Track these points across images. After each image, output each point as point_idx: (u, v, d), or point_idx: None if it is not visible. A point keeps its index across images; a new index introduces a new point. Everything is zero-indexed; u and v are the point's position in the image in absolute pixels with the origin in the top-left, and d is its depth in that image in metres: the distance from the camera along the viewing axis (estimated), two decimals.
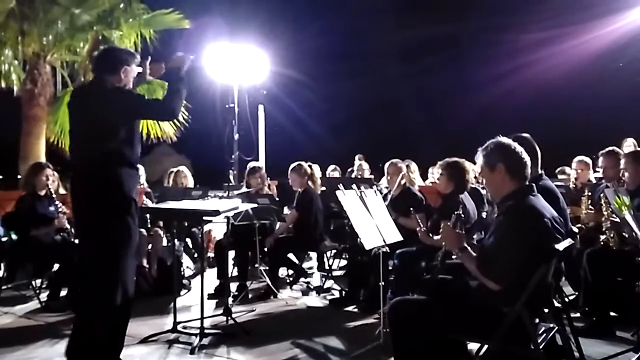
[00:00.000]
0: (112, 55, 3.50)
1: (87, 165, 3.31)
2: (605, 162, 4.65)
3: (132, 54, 3.58)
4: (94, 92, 3.44)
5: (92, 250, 3.31)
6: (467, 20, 23.18)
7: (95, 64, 3.58)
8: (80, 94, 3.73)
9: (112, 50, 3.64)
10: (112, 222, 3.24)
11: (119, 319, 3.30)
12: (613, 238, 4.21)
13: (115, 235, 3.24)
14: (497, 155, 2.77)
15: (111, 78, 3.38)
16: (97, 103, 3.29)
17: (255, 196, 5.85)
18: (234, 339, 4.10)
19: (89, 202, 3.28)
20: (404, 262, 4.56)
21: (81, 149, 3.39)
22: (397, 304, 2.86)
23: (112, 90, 3.35)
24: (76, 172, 3.39)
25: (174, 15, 9.50)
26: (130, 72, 3.47)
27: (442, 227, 2.91)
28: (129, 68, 3.44)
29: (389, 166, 5.43)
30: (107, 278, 3.24)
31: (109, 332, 3.25)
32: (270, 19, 19.88)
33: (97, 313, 3.21)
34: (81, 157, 3.38)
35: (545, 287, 2.67)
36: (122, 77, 3.41)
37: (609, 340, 3.88)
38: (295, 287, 5.93)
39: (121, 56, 3.47)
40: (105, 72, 3.40)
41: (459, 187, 4.59)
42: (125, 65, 3.42)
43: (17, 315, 4.91)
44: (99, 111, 3.26)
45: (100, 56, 3.58)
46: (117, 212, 3.25)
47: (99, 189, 3.25)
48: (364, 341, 3.95)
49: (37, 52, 8.79)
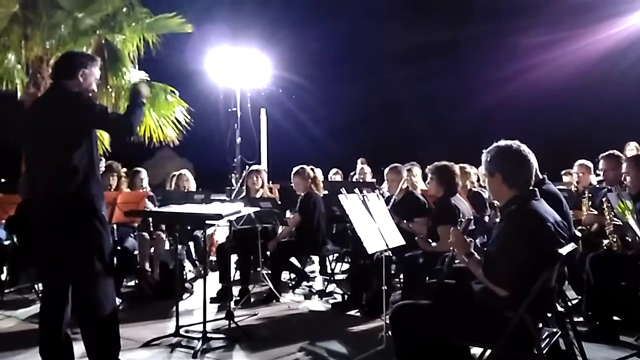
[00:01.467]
0: (69, 60, 3.40)
1: (50, 177, 3.21)
2: (606, 165, 4.66)
3: (92, 57, 3.48)
4: (54, 98, 3.33)
5: (63, 258, 3.22)
6: (469, 24, 23.19)
7: (53, 71, 3.50)
8: (40, 103, 3.59)
9: (69, 55, 3.52)
10: (86, 234, 3.18)
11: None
12: (616, 242, 4.21)
13: (91, 246, 3.19)
14: (494, 164, 2.77)
15: (70, 82, 3.28)
16: (59, 109, 3.20)
17: (258, 200, 5.85)
18: (237, 343, 4.10)
19: (60, 216, 3.18)
20: (411, 266, 4.55)
21: (43, 160, 3.25)
22: (399, 308, 2.85)
23: (74, 95, 3.26)
24: (38, 184, 3.31)
25: (176, 19, 9.53)
26: (90, 75, 3.35)
27: (452, 231, 2.90)
28: (87, 71, 3.33)
29: (389, 172, 5.44)
30: (93, 285, 3.22)
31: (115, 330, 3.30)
32: (272, 23, 19.92)
33: (103, 315, 3.23)
34: (43, 169, 3.27)
35: (549, 291, 2.67)
36: (81, 81, 3.30)
37: (612, 345, 3.86)
38: (298, 291, 5.92)
39: (78, 59, 3.37)
40: (63, 77, 3.31)
41: (449, 191, 4.60)
42: (82, 68, 3.31)
43: (20, 318, 4.92)
44: (61, 117, 3.17)
45: (57, 62, 3.50)
46: (86, 220, 3.19)
47: (66, 200, 3.16)
48: (367, 345, 3.95)
49: (40, 56, 8.81)
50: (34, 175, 3.39)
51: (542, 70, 19.86)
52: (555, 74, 19.60)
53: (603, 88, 19.30)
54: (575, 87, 20.36)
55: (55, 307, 3.25)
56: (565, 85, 20.43)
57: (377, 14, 26.31)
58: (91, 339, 3.25)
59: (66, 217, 3.16)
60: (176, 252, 5.09)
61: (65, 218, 3.16)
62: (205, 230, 4.53)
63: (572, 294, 4.78)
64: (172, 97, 9.84)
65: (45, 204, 3.24)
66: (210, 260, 6.60)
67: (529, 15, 20.74)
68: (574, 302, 4.66)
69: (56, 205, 3.18)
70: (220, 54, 9.67)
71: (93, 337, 3.25)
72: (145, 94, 3.51)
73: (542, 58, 19.63)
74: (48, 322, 3.26)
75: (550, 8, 19.58)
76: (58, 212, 3.17)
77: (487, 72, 22.41)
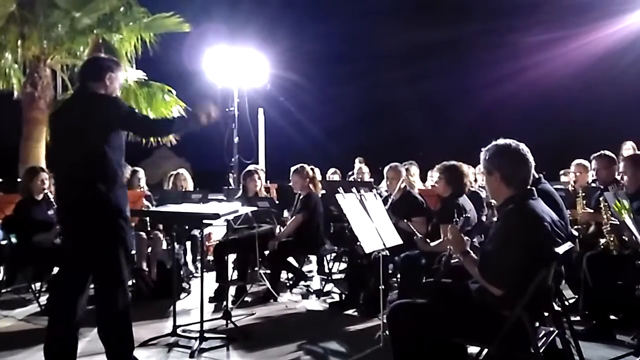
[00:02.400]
0: (96, 64, 3.50)
1: (77, 177, 3.27)
2: (598, 165, 4.67)
3: (116, 62, 3.59)
4: (81, 99, 3.42)
5: (88, 257, 3.30)
6: (468, 23, 23.24)
7: (79, 74, 3.58)
8: (67, 105, 3.67)
9: (97, 58, 3.62)
10: (106, 228, 3.25)
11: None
12: (613, 241, 4.21)
13: (111, 240, 3.26)
14: (493, 162, 2.77)
15: (96, 85, 3.37)
16: (88, 109, 3.27)
17: (255, 199, 5.85)
18: (234, 342, 4.09)
19: (80, 210, 3.25)
20: (408, 265, 4.55)
21: (70, 158, 3.31)
22: (397, 307, 2.85)
23: (101, 96, 3.34)
24: (65, 183, 3.40)
25: (174, 18, 9.53)
26: (115, 79, 3.45)
27: (449, 229, 2.91)
28: (113, 75, 3.43)
29: (389, 170, 5.43)
30: (113, 280, 3.30)
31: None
32: (270, 23, 19.91)
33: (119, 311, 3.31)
34: (70, 167, 3.32)
35: (546, 290, 2.67)
36: (107, 84, 3.40)
37: (609, 344, 3.87)
38: (295, 290, 5.92)
39: (105, 64, 3.47)
40: (90, 79, 3.40)
41: (457, 191, 4.60)
42: (109, 72, 3.41)
43: (17, 318, 4.91)
44: (88, 117, 3.23)
45: (84, 65, 3.59)
46: (110, 217, 3.26)
47: (91, 198, 3.23)
48: (364, 345, 3.95)
49: (38, 56, 8.80)
50: (60, 175, 3.47)
51: (541, 69, 19.92)
52: (554, 73, 19.67)
53: (601, 87, 19.36)
54: (574, 86, 20.44)
55: (70, 302, 3.30)
56: (564, 84, 20.51)
57: (375, 13, 26.35)
58: (110, 333, 3.33)
59: (93, 217, 3.23)
60: (173, 251, 5.09)
61: (92, 217, 3.23)
62: (202, 230, 4.52)
63: (569, 293, 4.79)
64: (169, 96, 9.84)
65: (71, 204, 3.31)
66: (207, 260, 6.60)
67: (527, 14, 20.81)
68: (571, 301, 4.67)
69: (82, 205, 3.24)
70: (217, 54, 9.65)
71: (111, 331, 3.33)
72: (202, 123, 3.56)
73: (540, 57, 19.70)
74: (60, 315, 3.31)
75: (549, 7, 19.64)
76: (84, 212, 3.24)
77: (485, 71, 22.47)
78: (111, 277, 3.30)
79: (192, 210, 4.17)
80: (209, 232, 7.42)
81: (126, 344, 3.40)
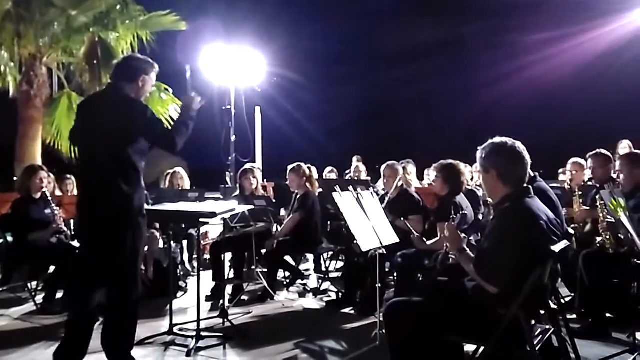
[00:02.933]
0: (132, 64, 3.48)
1: (101, 175, 3.30)
2: (594, 163, 4.69)
3: (152, 63, 3.54)
4: (110, 99, 3.41)
5: (109, 254, 3.34)
6: (465, 23, 23.21)
7: (114, 72, 3.55)
8: (96, 100, 3.69)
9: (132, 59, 3.59)
10: (128, 226, 3.30)
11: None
12: (609, 240, 4.22)
13: (128, 238, 3.30)
14: (490, 160, 2.77)
15: (128, 86, 3.38)
16: (114, 110, 3.29)
17: (252, 198, 5.84)
18: (231, 341, 4.09)
19: (104, 209, 3.29)
20: (405, 263, 4.55)
21: (95, 154, 3.34)
22: (393, 305, 2.85)
23: (130, 100, 3.35)
24: (87, 179, 3.43)
25: (170, 17, 9.51)
26: (149, 81, 3.47)
27: (446, 226, 2.91)
28: (147, 77, 3.44)
29: (385, 168, 5.43)
30: (129, 276, 3.37)
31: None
32: (267, 21, 19.88)
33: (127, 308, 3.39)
34: (94, 162, 3.35)
35: (542, 288, 2.68)
36: (139, 86, 3.42)
37: (604, 342, 3.88)
38: (292, 289, 5.92)
39: (140, 65, 3.46)
40: (123, 80, 3.40)
41: (454, 189, 4.60)
42: (143, 74, 3.42)
43: (13, 317, 4.90)
44: (114, 118, 3.26)
45: (119, 64, 3.56)
46: (132, 216, 3.32)
47: (116, 198, 3.27)
48: (361, 343, 3.95)
49: (34, 54, 8.78)
50: (86, 175, 3.47)
51: (539, 68, 19.92)
52: (552, 73, 19.66)
53: (599, 86, 19.37)
54: (571, 85, 20.44)
55: (89, 298, 3.35)
56: (561, 83, 20.51)
57: (373, 12, 26.30)
58: (116, 331, 3.38)
59: (118, 220, 3.27)
60: (170, 250, 5.08)
61: (116, 221, 3.27)
62: (199, 229, 4.51)
63: (565, 291, 4.80)
64: (166, 95, 9.82)
65: (95, 202, 3.32)
66: (204, 259, 6.59)
67: (524, 14, 20.80)
68: (567, 299, 4.68)
69: (106, 204, 3.26)
70: (214, 52, 9.64)
71: (118, 329, 3.38)
72: (195, 107, 3.57)
73: (538, 57, 19.67)
74: (83, 313, 3.36)
75: (546, 7, 19.64)
76: (103, 210, 3.26)
77: (482, 71, 22.47)
78: (128, 273, 3.35)
79: (189, 209, 4.17)
80: (205, 230, 7.41)
81: (129, 343, 3.44)
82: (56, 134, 9.20)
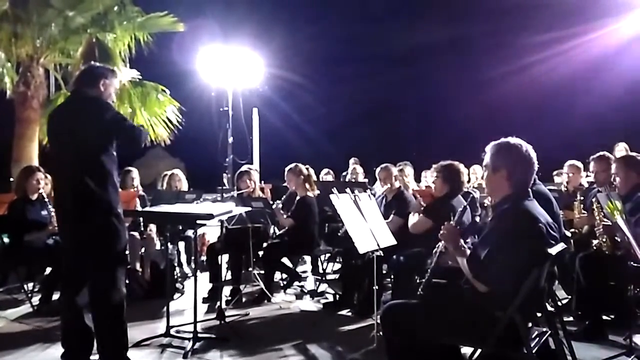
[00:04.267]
0: (92, 71, 3.63)
1: (72, 177, 3.41)
2: (596, 167, 4.68)
3: (112, 70, 3.72)
4: (77, 102, 3.56)
5: (89, 257, 3.42)
6: (464, 24, 23.27)
7: (75, 81, 3.70)
8: (62, 107, 3.85)
9: (92, 67, 3.74)
10: (97, 223, 3.37)
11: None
12: (606, 242, 4.23)
13: (103, 236, 3.39)
14: (503, 159, 2.74)
15: (91, 91, 3.51)
16: (80, 111, 3.44)
17: (249, 199, 5.84)
18: (227, 343, 4.09)
19: (79, 213, 3.39)
20: (402, 265, 4.56)
21: (65, 161, 3.47)
22: (390, 307, 2.85)
23: (94, 99, 3.48)
24: (61, 182, 3.55)
25: (168, 18, 9.49)
26: (110, 85, 3.60)
27: (445, 225, 2.90)
28: (107, 81, 3.57)
29: (380, 171, 5.46)
30: (107, 275, 3.42)
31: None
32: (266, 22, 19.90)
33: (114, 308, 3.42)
34: (65, 169, 3.47)
35: (539, 291, 2.68)
36: (101, 91, 3.54)
37: (601, 344, 3.90)
38: (289, 291, 5.92)
39: (101, 71, 3.61)
40: (85, 86, 3.54)
41: (453, 189, 4.61)
42: (104, 78, 3.56)
43: (9, 319, 4.88)
44: (81, 119, 3.40)
45: (80, 73, 3.70)
46: (104, 217, 3.39)
47: (88, 201, 3.37)
48: (358, 345, 3.95)
49: (31, 55, 8.74)
50: (57, 175, 3.65)
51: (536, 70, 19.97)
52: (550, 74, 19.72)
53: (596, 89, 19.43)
54: (569, 87, 20.49)
55: (75, 295, 3.42)
56: (559, 86, 20.56)
57: (372, 14, 26.36)
58: (103, 333, 3.42)
59: (86, 215, 3.37)
60: (167, 252, 5.08)
61: (85, 216, 3.37)
62: (196, 230, 4.50)
63: (562, 294, 4.81)
64: (163, 96, 9.78)
65: (66, 202, 3.45)
66: (201, 260, 6.58)
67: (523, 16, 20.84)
68: (564, 301, 4.69)
69: (76, 204, 3.38)
70: (212, 53, 9.62)
71: (105, 330, 3.42)
72: None
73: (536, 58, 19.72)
74: (70, 310, 3.45)
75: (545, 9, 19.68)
76: (78, 210, 3.38)
77: (480, 73, 22.53)
78: (104, 273, 3.40)
79: (186, 211, 4.16)
80: (203, 232, 7.40)
81: (120, 344, 3.47)
82: None
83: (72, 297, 3.43)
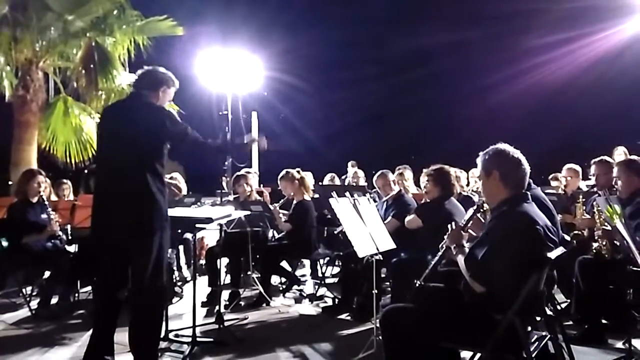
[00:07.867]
0: (156, 75, 3.67)
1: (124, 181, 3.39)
2: (598, 170, 4.69)
3: (174, 80, 3.74)
4: (138, 106, 3.55)
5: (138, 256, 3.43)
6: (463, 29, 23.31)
7: (137, 80, 3.71)
8: (118, 109, 3.80)
9: (156, 70, 3.74)
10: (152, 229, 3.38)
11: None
12: (605, 246, 4.23)
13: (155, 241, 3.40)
14: (492, 162, 2.80)
15: (150, 94, 3.56)
16: (141, 117, 3.44)
17: (248, 203, 5.83)
18: (226, 347, 4.08)
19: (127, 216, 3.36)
20: (401, 269, 4.55)
21: (118, 164, 3.42)
22: (389, 311, 2.85)
23: (161, 108, 3.53)
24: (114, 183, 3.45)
25: (167, 22, 9.49)
26: (167, 94, 3.66)
27: (451, 225, 2.94)
28: (167, 89, 3.65)
29: (377, 179, 5.50)
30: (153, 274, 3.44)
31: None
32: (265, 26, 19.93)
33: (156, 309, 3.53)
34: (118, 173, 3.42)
35: (538, 294, 2.68)
36: (160, 96, 3.60)
37: (600, 348, 3.90)
38: (288, 294, 5.91)
39: (164, 77, 3.66)
40: (145, 88, 3.58)
41: (445, 192, 4.63)
42: (165, 85, 3.63)
43: (7, 323, 4.87)
44: (142, 125, 3.40)
45: (144, 73, 3.70)
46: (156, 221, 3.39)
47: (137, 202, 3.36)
48: (357, 349, 3.94)
49: (30, 58, 8.75)
50: (108, 178, 3.51)
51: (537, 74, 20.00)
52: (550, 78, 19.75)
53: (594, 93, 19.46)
54: (567, 92, 20.52)
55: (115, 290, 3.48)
56: (557, 90, 20.60)
57: (372, 18, 26.40)
58: (141, 334, 3.44)
59: (138, 219, 3.35)
60: None
61: (137, 220, 3.35)
62: (195, 234, 4.50)
63: (562, 298, 4.81)
64: None
65: (115, 206, 3.38)
66: (200, 264, 6.57)
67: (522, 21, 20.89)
68: (563, 305, 4.69)
69: (127, 208, 3.35)
70: (211, 57, 9.65)
71: (143, 332, 3.45)
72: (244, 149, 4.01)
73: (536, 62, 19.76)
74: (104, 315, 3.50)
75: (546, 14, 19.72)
76: (129, 215, 3.35)
77: (480, 78, 22.57)
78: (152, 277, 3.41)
79: (185, 214, 4.15)
80: (202, 236, 7.39)
81: (155, 345, 3.54)
82: (52, 138, 9.16)
83: (112, 291, 3.47)
